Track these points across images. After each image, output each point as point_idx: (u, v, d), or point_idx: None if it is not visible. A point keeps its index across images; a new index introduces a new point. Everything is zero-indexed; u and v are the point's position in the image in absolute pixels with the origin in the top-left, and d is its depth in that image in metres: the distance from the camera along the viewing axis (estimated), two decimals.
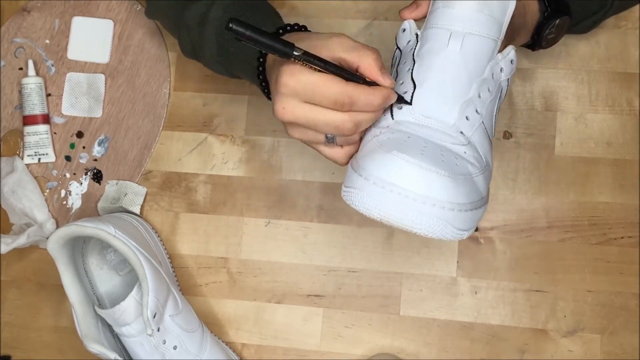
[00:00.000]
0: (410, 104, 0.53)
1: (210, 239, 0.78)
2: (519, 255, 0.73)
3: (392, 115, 0.54)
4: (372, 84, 0.51)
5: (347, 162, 0.55)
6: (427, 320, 0.74)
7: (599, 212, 0.72)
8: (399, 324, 0.74)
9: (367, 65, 0.50)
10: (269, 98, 0.59)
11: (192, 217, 0.78)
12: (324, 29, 0.77)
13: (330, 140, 0.53)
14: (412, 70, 0.54)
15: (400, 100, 0.54)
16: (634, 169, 0.73)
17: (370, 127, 0.54)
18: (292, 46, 0.48)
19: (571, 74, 0.74)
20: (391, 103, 0.52)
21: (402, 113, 0.54)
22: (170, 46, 0.80)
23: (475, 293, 0.73)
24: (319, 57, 0.49)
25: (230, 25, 0.45)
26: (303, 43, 0.50)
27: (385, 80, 0.51)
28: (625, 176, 0.73)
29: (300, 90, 0.48)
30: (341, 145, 0.54)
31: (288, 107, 0.50)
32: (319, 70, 0.49)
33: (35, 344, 0.79)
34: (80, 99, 0.80)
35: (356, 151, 0.54)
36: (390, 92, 0.51)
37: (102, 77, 0.80)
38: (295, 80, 0.48)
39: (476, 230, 0.74)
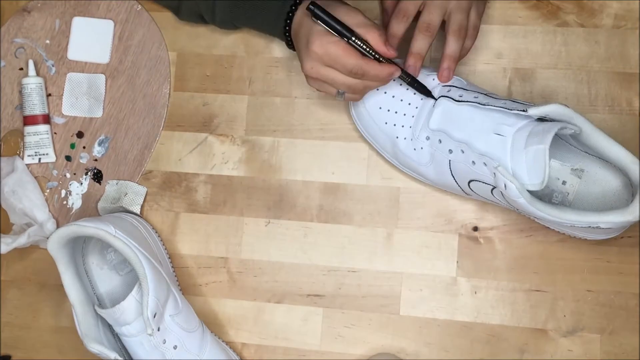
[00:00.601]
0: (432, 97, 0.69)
1: (210, 239, 0.78)
2: (519, 255, 0.73)
3: None
4: (387, 60, 0.64)
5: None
6: (427, 320, 0.74)
7: None
8: (399, 324, 0.74)
9: (373, 40, 0.62)
10: (289, 46, 0.71)
11: (192, 217, 0.78)
12: None
13: (340, 94, 0.66)
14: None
15: (407, 80, 0.68)
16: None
17: None
18: (352, 31, 0.61)
19: (571, 74, 0.74)
20: (396, 77, 0.65)
21: None
22: (170, 46, 0.80)
23: (475, 293, 0.73)
24: (364, 41, 0.62)
25: (313, 8, 0.61)
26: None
27: (388, 52, 0.63)
28: None
29: (325, 58, 0.62)
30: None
31: (315, 68, 0.63)
32: (349, 43, 0.62)
33: (36, 343, 0.79)
34: (80, 99, 0.80)
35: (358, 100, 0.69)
36: (395, 68, 0.64)
37: (102, 77, 0.80)
38: (323, 50, 0.62)
39: (475, 230, 0.74)
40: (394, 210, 0.75)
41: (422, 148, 0.69)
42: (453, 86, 0.69)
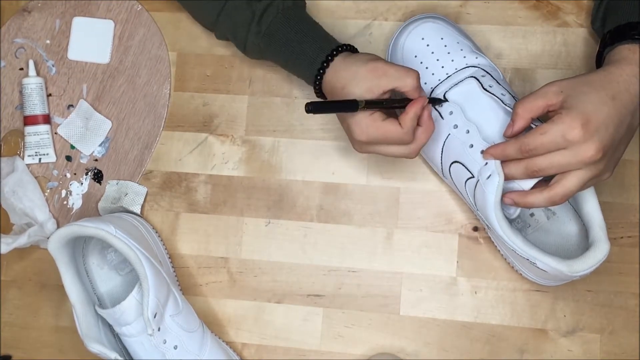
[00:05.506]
0: (445, 100, 0.68)
1: (210, 239, 0.78)
2: None
3: None
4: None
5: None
6: (427, 320, 0.74)
7: None
8: (398, 324, 0.74)
9: (409, 88, 0.63)
10: (318, 94, 0.69)
11: (192, 217, 0.78)
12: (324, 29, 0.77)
13: None
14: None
15: (437, 102, 0.68)
16: (634, 169, 0.73)
17: None
18: (356, 103, 0.61)
19: (571, 74, 0.74)
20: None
21: None
22: (170, 46, 0.80)
23: (475, 293, 0.73)
24: (377, 101, 0.63)
25: (310, 108, 0.59)
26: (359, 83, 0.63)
27: (418, 99, 0.63)
28: (625, 176, 0.73)
29: (370, 139, 0.63)
30: None
31: (363, 148, 0.65)
32: (380, 108, 0.63)
33: (36, 343, 0.79)
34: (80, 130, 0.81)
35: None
36: (426, 113, 0.64)
37: (108, 123, 0.80)
38: (365, 135, 0.63)
39: (475, 230, 0.74)
40: (394, 210, 0.75)
41: None
42: (489, 74, 0.68)
